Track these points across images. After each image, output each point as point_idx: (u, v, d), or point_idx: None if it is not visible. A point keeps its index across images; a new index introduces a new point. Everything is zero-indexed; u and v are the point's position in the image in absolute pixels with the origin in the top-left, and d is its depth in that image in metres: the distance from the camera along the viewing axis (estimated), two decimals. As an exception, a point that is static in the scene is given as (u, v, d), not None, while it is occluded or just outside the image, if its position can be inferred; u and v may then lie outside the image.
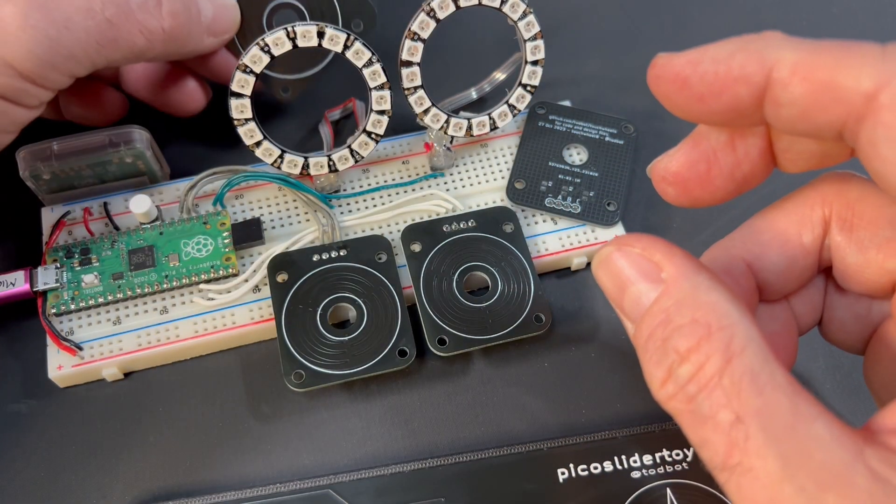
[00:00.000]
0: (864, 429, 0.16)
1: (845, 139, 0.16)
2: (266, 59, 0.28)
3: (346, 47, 0.28)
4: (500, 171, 0.33)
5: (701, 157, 0.20)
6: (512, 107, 0.32)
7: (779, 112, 0.17)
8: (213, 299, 0.29)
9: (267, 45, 0.28)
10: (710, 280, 0.17)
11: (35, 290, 0.28)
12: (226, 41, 0.31)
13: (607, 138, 0.34)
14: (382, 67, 0.29)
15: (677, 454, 0.27)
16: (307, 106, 0.35)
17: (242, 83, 0.28)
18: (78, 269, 0.29)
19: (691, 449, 0.27)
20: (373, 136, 0.30)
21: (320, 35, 0.28)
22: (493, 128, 0.32)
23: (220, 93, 0.32)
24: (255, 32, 0.31)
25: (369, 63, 0.29)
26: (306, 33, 0.28)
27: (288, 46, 0.28)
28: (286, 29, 0.27)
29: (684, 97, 0.18)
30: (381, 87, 0.29)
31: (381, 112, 0.30)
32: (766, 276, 0.21)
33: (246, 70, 0.28)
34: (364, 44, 0.28)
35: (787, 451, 0.15)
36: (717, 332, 0.16)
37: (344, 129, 0.35)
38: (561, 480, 0.26)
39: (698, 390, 0.16)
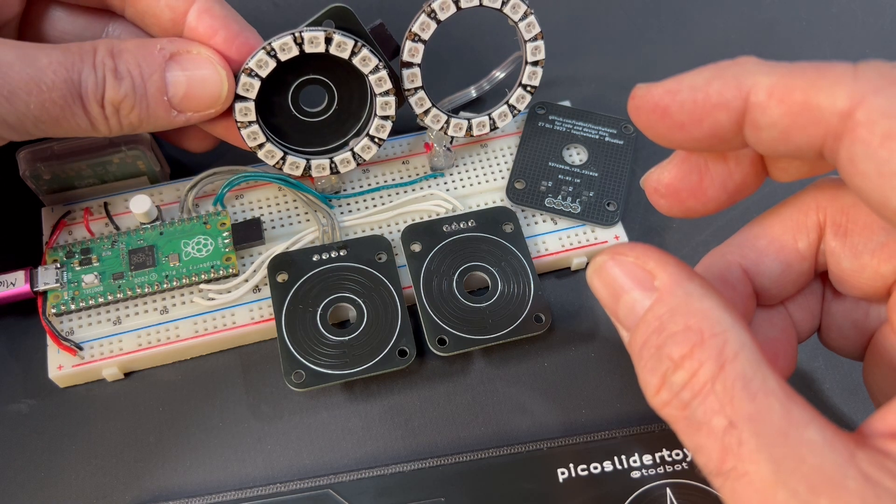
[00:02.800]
0: (857, 433, 0.16)
1: (826, 157, 0.17)
2: (272, 64, 0.28)
3: (353, 54, 0.28)
4: (500, 171, 0.33)
5: (693, 169, 0.20)
6: (512, 107, 0.32)
7: (759, 135, 0.17)
8: (213, 299, 0.29)
9: (273, 49, 0.27)
10: (703, 288, 0.18)
11: (35, 290, 0.29)
12: (209, 116, 0.28)
13: (607, 138, 0.34)
14: (389, 74, 0.29)
15: (677, 454, 0.27)
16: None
17: (247, 87, 0.28)
18: (78, 269, 0.29)
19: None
20: (376, 140, 0.30)
21: (328, 41, 0.28)
22: (493, 128, 0.32)
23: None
24: (281, 108, 0.30)
25: (376, 70, 0.29)
26: (314, 39, 0.27)
27: (295, 52, 0.28)
28: (293, 34, 0.27)
29: (665, 126, 0.18)
30: (386, 94, 0.29)
31: (386, 117, 0.30)
32: (763, 281, 0.21)
33: (251, 74, 0.28)
34: (371, 51, 0.28)
35: (779, 456, 0.15)
36: (710, 339, 0.17)
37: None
38: (561, 480, 0.26)
39: (692, 397, 0.16)
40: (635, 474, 0.26)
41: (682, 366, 0.17)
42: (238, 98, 0.28)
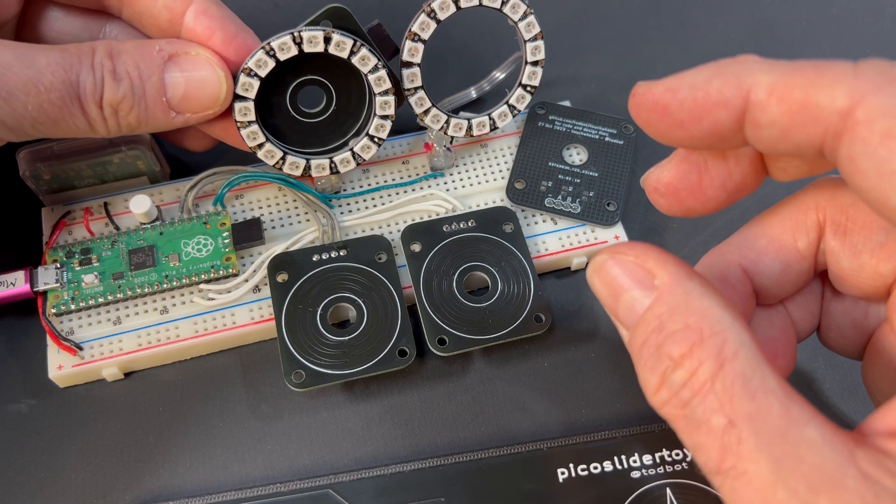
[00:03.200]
0: (856, 431, 0.16)
1: (825, 156, 0.17)
2: (272, 64, 0.28)
3: (352, 53, 0.28)
4: (500, 171, 0.33)
5: (692, 168, 0.20)
6: (512, 107, 0.32)
7: (759, 133, 0.17)
8: (213, 299, 0.29)
9: (272, 49, 0.27)
10: (703, 286, 0.18)
11: (35, 290, 0.29)
12: (208, 117, 0.28)
13: (607, 138, 0.34)
14: (388, 74, 0.29)
15: (677, 454, 0.27)
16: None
17: (247, 87, 0.28)
18: (78, 269, 0.29)
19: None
20: (375, 139, 0.30)
21: (327, 40, 0.28)
22: (493, 128, 0.32)
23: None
24: (280, 108, 0.30)
25: (375, 69, 0.29)
26: (313, 38, 0.27)
27: (294, 51, 0.28)
28: (292, 34, 0.27)
29: (665, 124, 0.18)
30: (385, 93, 0.29)
31: (385, 117, 0.30)
32: (763, 280, 0.21)
33: (250, 74, 0.28)
34: (370, 50, 0.28)
35: (778, 455, 0.15)
36: (710, 338, 0.17)
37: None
38: (561, 480, 0.26)
39: (692, 396, 0.16)
40: (635, 474, 0.26)
41: (681, 364, 0.17)
42: (237, 98, 0.28)
